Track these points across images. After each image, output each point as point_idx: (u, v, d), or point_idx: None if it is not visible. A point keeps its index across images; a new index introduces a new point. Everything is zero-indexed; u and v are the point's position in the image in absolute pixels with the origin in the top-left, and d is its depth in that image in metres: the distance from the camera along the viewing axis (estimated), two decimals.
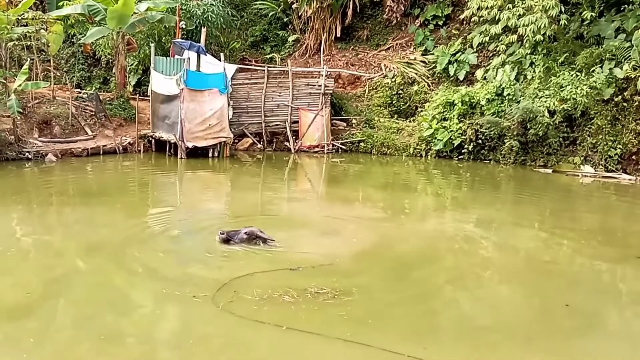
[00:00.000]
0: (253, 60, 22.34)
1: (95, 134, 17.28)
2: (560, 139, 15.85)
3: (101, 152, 16.58)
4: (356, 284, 6.65)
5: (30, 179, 13.65)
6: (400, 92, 19.98)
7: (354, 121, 19.84)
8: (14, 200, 11.20)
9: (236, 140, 18.58)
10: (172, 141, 16.86)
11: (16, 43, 17.52)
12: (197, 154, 16.79)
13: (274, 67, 20.37)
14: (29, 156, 14.95)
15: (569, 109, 15.35)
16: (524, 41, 17.07)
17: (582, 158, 15.52)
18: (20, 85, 14.85)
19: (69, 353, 5.10)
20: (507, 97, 16.43)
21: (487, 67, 18.31)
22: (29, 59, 17.25)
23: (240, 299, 6.18)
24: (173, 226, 9.57)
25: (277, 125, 19.30)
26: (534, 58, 16.89)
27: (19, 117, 15.01)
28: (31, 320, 5.69)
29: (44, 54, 20.44)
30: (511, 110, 15.91)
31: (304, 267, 7.17)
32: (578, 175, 15.16)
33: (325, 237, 8.67)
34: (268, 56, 22.66)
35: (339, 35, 22.42)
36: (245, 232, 7.92)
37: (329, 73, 19.30)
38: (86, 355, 5.01)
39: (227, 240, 7.92)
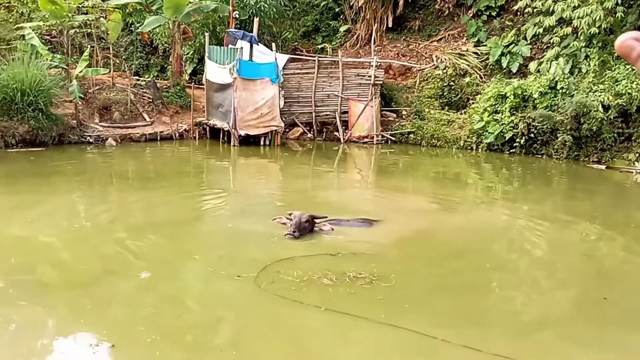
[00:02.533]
0: (304, 51, 22.60)
1: (152, 120, 17.98)
2: (615, 135, 15.42)
3: (158, 138, 17.27)
4: (395, 270, 6.81)
5: (92, 161, 14.43)
6: (452, 83, 19.83)
7: (403, 112, 19.84)
8: (78, 181, 11.93)
9: (287, 130, 18.92)
10: (225, 129, 17.36)
11: (77, 30, 18.35)
12: (249, 142, 17.24)
13: (324, 57, 20.57)
14: (90, 140, 15.75)
15: (624, 104, 14.91)
16: (579, 34, 16.66)
17: (637, 155, 15.05)
18: (81, 71, 15.61)
19: (125, 318, 5.53)
20: (560, 91, 16.09)
21: (541, 60, 17.94)
22: (89, 46, 18.09)
23: (281, 280, 6.46)
24: (225, 209, 10.03)
25: (327, 115, 19.52)
26: (589, 51, 16.45)
27: (80, 103, 15.81)
28: (93, 290, 6.17)
29: (103, 41, 21.32)
30: (564, 104, 15.56)
31: (344, 253, 7.39)
32: (632, 172, 14.73)
33: (370, 224, 8.82)
34: (319, 46, 22.87)
35: (390, 25, 22.38)
36: (306, 220, 7.97)
37: (379, 64, 19.34)
38: (139, 322, 5.42)
39: (299, 231, 7.90)
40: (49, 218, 8.94)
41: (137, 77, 22.02)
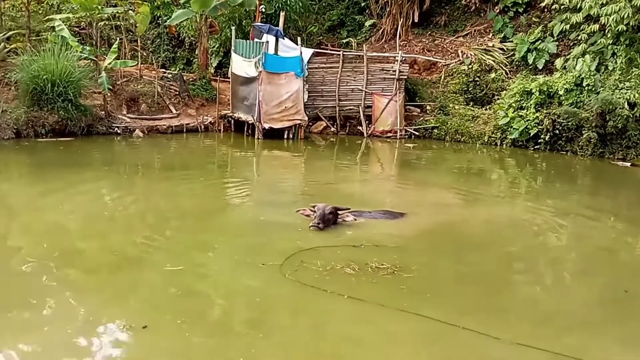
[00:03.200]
0: (329, 45, 22.67)
1: (179, 112, 18.25)
2: None
3: (184, 130, 17.53)
4: (417, 262, 6.91)
5: (121, 152, 14.77)
6: (477, 79, 19.73)
7: (428, 107, 19.81)
8: (107, 170, 12.28)
9: (310, 123, 19.00)
10: (250, 122, 17.54)
11: (105, 23, 18.67)
12: (272, 135, 17.38)
13: (349, 51, 20.61)
14: (118, 131, 16.07)
15: None
16: (606, 31, 16.49)
17: None
18: (110, 63, 15.92)
19: (153, 303, 5.75)
20: (586, 88, 15.91)
21: (567, 57, 17.77)
22: (118, 39, 18.38)
23: (305, 269, 6.60)
24: (249, 200, 10.27)
25: (350, 109, 19.56)
26: (616, 48, 16.29)
27: (108, 94, 16.12)
28: (121, 276, 6.40)
29: (131, 34, 21.65)
30: (590, 101, 15.41)
31: (366, 245, 7.49)
32: None
33: (392, 216, 8.90)
34: (344, 41, 22.91)
35: (416, 20, 22.32)
36: (330, 212, 8.11)
37: (404, 58, 19.31)
38: (167, 306, 5.61)
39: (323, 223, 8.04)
40: (79, 206, 9.21)
41: (164, 70, 22.33)
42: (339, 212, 8.35)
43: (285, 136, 17.59)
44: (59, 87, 13.98)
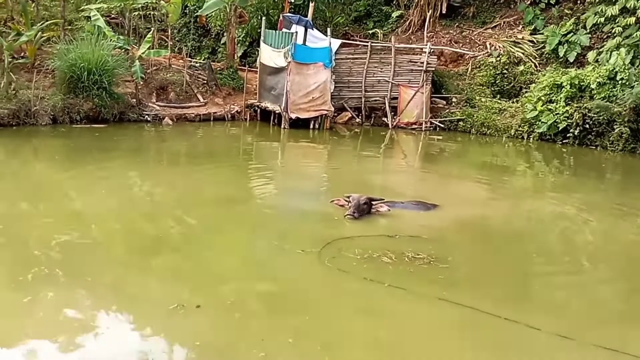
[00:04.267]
0: (356, 35, 22.63)
1: (206, 101, 18.44)
2: None
3: (211, 119, 17.70)
4: (452, 253, 6.99)
5: (153, 139, 15.07)
6: (505, 71, 19.55)
7: (454, 100, 19.72)
8: (141, 157, 12.64)
9: (335, 114, 19.04)
10: (277, 111, 17.65)
11: (136, 13, 18.90)
12: (298, 125, 17.48)
13: (377, 42, 20.57)
14: (148, 119, 16.31)
15: None
16: None
17: None
18: (144, 52, 16.14)
19: (199, 284, 5.94)
20: (620, 82, 15.66)
21: (600, 50, 17.51)
22: (151, 28, 18.59)
23: (342, 257, 6.72)
24: (282, 188, 10.45)
25: (376, 100, 19.56)
26: None
27: (141, 83, 16.36)
28: (166, 257, 6.59)
29: (159, 23, 21.84)
30: (624, 95, 15.19)
31: (401, 235, 7.57)
32: None
33: (425, 208, 8.97)
34: (370, 31, 22.84)
35: (444, 11, 22.17)
36: (365, 202, 8.23)
37: (432, 50, 19.23)
38: (214, 288, 5.80)
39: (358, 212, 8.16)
40: (116, 190, 9.48)
41: (190, 59, 22.53)
42: (373, 202, 8.44)
43: (311, 126, 17.66)
44: (95, 75, 14.25)
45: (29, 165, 11.50)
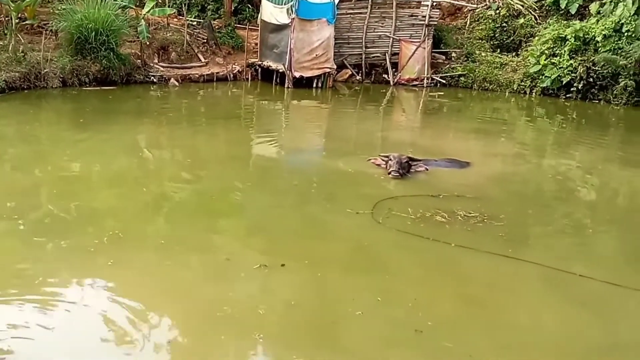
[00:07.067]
0: None
1: (207, 61, 18.12)
2: None
3: (214, 79, 17.46)
4: (503, 210, 7.22)
5: (165, 100, 14.93)
6: (504, 25, 19.47)
7: (453, 54, 19.67)
8: (164, 119, 12.63)
9: (335, 72, 18.90)
10: (280, 70, 17.44)
11: None
12: (301, 83, 17.34)
13: None
14: (154, 80, 16.01)
15: None
16: None
17: None
18: (149, 11, 15.70)
19: (275, 246, 6.15)
20: (626, 34, 15.76)
21: (604, 1, 17.51)
22: None
23: (395, 217, 6.89)
24: (315, 149, 10.72)
25: (377, 56, 19.39)
26: None
27: (147, 43, 15.98)
28: (228, 219, 6.70)
29: None
30: (631, 47, 15.31)
31: (445, 195, 7.74)
32: None
33: (459, 166, 9.16)
34: None
35: None
36: (406, 161, 8.46)
37: (435, 3, 19.01)
38: (288, 248, 6.00)
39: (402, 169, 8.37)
40: (152, 151, 9.49)
41: (188, 18, 21.92)
42: (412, 162, 8.59)
43: (314, 85, 17.53)
44: (102, 35, 13.87)
45: (61, 130, 11.25)
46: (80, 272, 5.26)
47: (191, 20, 19.39)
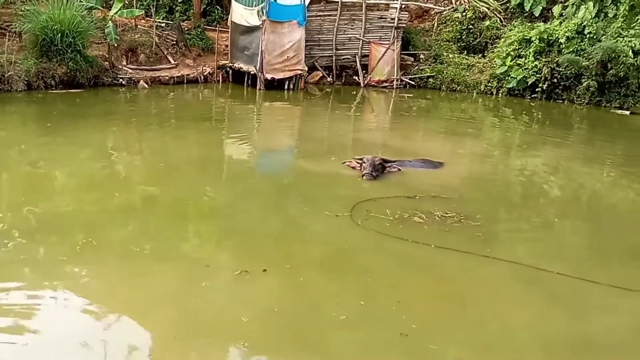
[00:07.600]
0: None
1: (177, 63, 17.92)
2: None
3: (185, 81, 17.28)
4: (478, 210, 7.35)
5: (134, 102, 14.72)
6: (471, 27, 19.84)
7: (421, 56, 19.93)
8: (135, 121, 12.48)
9: (307, 74, 18.92)
10: (251, 72, 17.37)
11: None
12: (273, 85, 17.31)
13: None
14: (123, 82, 15.75)
15: None
16: None
17: None
18: (116, 12, 15.42)
19: (253, 249, 6.08)
20: (587, 36, 16.24)
21: (566, 4, 17.96)
22: None
23: (373, 218, 6.94)
24: (289, 152, 10.61)
25: (347, 58, 19.51)
26: None
27: (114, 45, 15.70)
28: (209, 223, 6.62)
29: None
30: (593, 49, 15.76)
31: (421, 195, 7.82)
32: None
33: (432, 166, 9.28)
34: None
35: None
36: (379, 163, 8.53)
37: (404, 6, 19.22)
38: (269, 253, 5.95)
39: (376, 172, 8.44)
40: (123, 155, 9.31)
41: (149, 18, 21.62)
42: (386, 163, 8.66)
43: (286, 87, 17.53)
44: (68, 37, 13.56)
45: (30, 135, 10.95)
46: (53, 281, 5.14)
47: (160, 22, 19.13)
